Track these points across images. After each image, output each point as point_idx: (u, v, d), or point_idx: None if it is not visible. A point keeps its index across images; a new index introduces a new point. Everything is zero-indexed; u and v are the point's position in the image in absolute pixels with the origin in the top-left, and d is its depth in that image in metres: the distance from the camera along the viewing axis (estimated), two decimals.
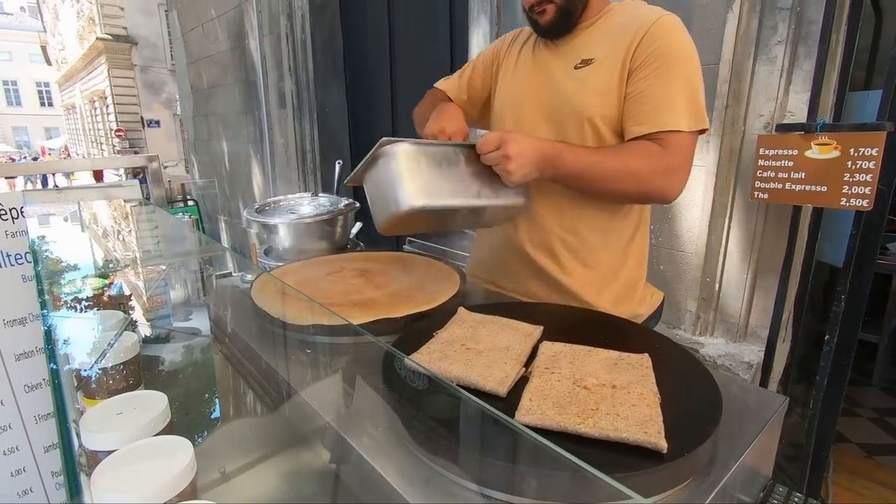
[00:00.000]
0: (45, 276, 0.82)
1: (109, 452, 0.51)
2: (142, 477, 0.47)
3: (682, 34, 0.97)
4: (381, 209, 0.91)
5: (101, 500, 0.45)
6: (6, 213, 0.81)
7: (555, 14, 1.02)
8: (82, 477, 0.59)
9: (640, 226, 1.13)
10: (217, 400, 1.09)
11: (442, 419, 0.58)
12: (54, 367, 0.60)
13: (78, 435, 0.58)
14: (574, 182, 0.97)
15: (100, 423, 0.57)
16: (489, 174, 0.95)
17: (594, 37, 1.04)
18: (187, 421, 0.93)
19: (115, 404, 0.60)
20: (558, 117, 1.05)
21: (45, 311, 0.68)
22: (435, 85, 1.31)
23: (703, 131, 0.99)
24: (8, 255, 0.80)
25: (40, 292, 0.68)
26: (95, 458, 0.54)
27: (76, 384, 0.74)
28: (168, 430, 0.58)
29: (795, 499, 0.70)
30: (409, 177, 0.87)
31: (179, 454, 0.49)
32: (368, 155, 0.91)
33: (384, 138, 0.88)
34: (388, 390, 0.66)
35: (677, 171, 0.96)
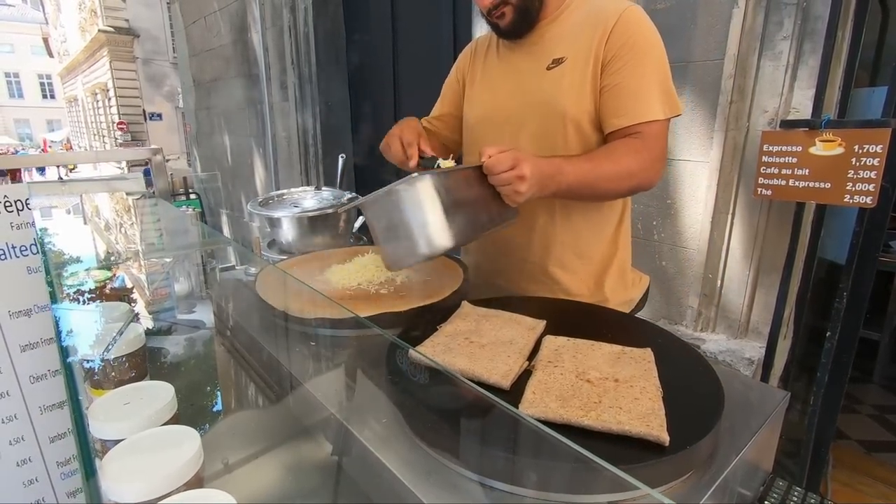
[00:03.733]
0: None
1: (117, 441, 0.51)
2: (149, 466, 0.47)
3: (648, 24, 0.99)
4: (406, 250, 0.84)
5: (110, 488, 0.45)
6: (11, 205, 0.82)
7: (513, 15, 1.02)
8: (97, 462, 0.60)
9: (625, 211, 1.14)
10: (220, 392, 1.10)
11: (448, 411, 0.59)
12: (70, 358, 0.61)
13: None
14: (573, 193, 0.97)
15: (108, 413, 0.57)
16: (491, 195, 0.90)
17: (560, 34, 1.04)
18: (191, 412, 0.94)
19: (122, 394, 0.60)
20: (541, 120, 1.04)
21: (54, 302, 0.68)
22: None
23: (676, 116, 1.01)
24: (13, 247, 0.81)
25: (49, 283, 0.68)
26: (104, 447, 0.55)
27: (83, 375, 0.75)
28: (175, 420, 0.58)
29: (795, 493, 0.71)
30: (436, 215, 0.81)
31: (186, 444, 0.50)
32: (384, 190, 0.83)
33: (408, 178, 0.81)
34: (393, 383, 0.67)
35: (658, 161, 0.99)
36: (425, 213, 0.81)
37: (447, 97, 1.29)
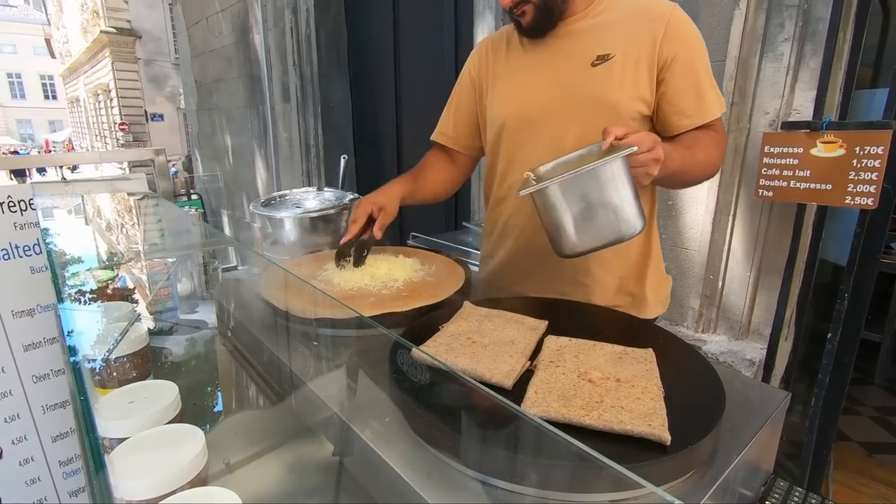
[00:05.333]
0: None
1: (122, 440, 0.51)
2: (154, 464, 0.48)
3: (692, 25, 1.03)
4: (600, 231, 0.83)
5: (115, 485, 0.45)
6: (15, 205, 0.82)
7: (534, 14, 1.02)
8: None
9: (653, 207, 1.16)
10: (221, 392, 1.10)
11: (450, 410, 0.59)
12: (74, 358, 0.61)
13: None
14: (668, 180, 0.97)
15: (113, 412, 0.58)
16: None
17: (601, 30, 1.04)
18: (194, 412, 0.94)
19: (127, 393, 0.61)
20: (590, 116, 1.02)
21: (61, 302, 0.69)
22: (431, 138, 1.32)
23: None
24: (17, 247, 0.81)
25: (55, 283, 0.69)
26: (109, 445, 0.55)
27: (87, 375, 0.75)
28: (179, 418, 0.59)
29: (796, 494, 0.71)
30: (631, 195, 0.81)
31: (191, 442, 0.50)
32: (591, 165, 0.79)
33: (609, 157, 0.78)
34: (395, 382, 0.67)
35: (724, 153, 1.08)
36: (623, 191, 0.81)
37: (460, 105, 1.27)
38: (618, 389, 0.62)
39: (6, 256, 0.77)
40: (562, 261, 1.09)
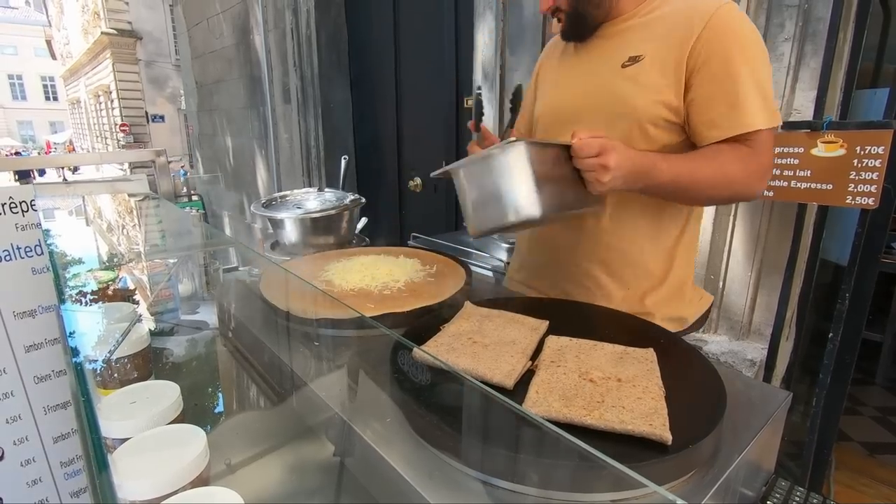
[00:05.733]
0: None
1: (124, 440, 0.52)
2: (157, 464, 0.48)
3: (744, 25, 0.90)
4: (494, 215, 0.85)
5: (118, 485, 0.46)
6: (16, 206, 0.82)
7: (566, 20, 1.02)
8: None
9: (689, 223, 1.07)
10: (222, 392, 1.11)
11: (452, 410, 0.59)
12: (77, 359, 0.61)
13: None
14: (665, 192, 0.93)
15: (115, 412, 0.58)
16: (576, 178, 0.88)
17: (642, 31, 0.98)
18: (195, 412, 0.94)
19: (128, 393, 0.61)
20: (606, 119, 0.99)
21: (63, 303, 0.69)
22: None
23: (776, 127, 0.93)
24: (18, 248, 0.81)
25: (57, 284, 0.69)
26: (111, 445, 0.55)
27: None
28: (180, 419, 0.59)
29: (797, 493, 0.71)
30: (526, 183, 0.81)
31: (193, 442, 0.50)
32: (481, 153, 0.85)
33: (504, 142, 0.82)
34: (397, 382, 0.67)
35: (767, 172, 0.93)
36: (516, 179, 0.82)
37: (527, 102, 1.26)
38: (619, 389, 0.62)
39: (8, 257, 0.77)
40: (568, 260, 1.10)
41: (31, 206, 0.83)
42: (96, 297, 1.26)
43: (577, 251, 1.09)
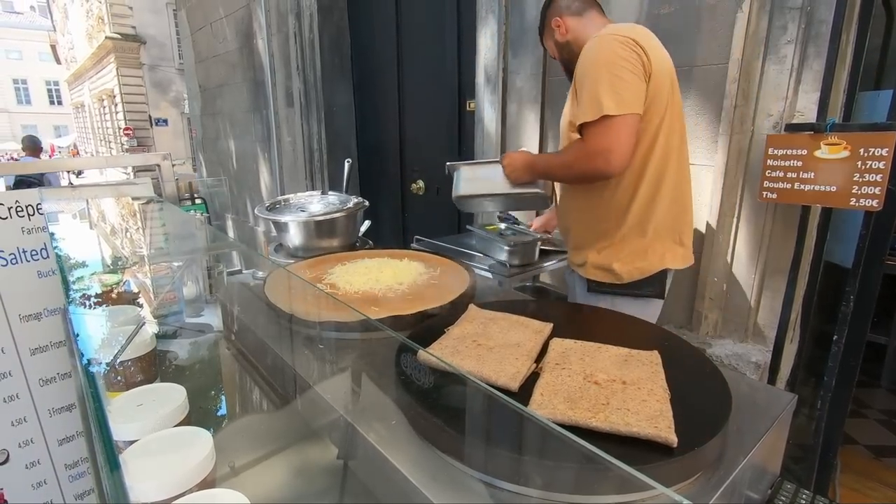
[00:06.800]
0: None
1: (131, 442, 0.52)
2: (163, 466, 0.48)
3: (592, 51, 1.23)
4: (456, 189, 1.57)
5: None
6: (22, 210, 0.82)
7: (563, 67, 1.48)
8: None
9: (635, 198, 1.32)
10: (226, 395, 1.11)
11: (457, 412, 0.59)
12: (85, 361, 0.61)
13: None
14: (547, 177, 1.46)
15: (122, 415, 0.58)
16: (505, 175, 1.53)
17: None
18: (200, 415, 0.94)
19: (135, 396, 0.61)
20: (563, 130, 1.45)
21: (70, 306, 0.69)
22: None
23: (619, 116, 1.18)
24: (24, 252, 0.81)
25: (65, 287, 0.69)
26: (118, 447, 0.55)
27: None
28: (186, 421, 0.59)
29: (803, 496, 0.71)
30: (467, 179, 1.57)
31: (199, 444, 0.50)
32: (478, 161, 1.67)
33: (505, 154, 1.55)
34: (402, 384, 0.67)
35: (596, 154, 1.20)
36: (489, 175, 1.54)
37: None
38: (624, 391, 0.62)
39: (14, 261, 0.77)
40: (566, 231, 1.54)
41: (38, 209, 0.83)
42: (101, 300, 1.26)
43: (563, 225, 1.56)
